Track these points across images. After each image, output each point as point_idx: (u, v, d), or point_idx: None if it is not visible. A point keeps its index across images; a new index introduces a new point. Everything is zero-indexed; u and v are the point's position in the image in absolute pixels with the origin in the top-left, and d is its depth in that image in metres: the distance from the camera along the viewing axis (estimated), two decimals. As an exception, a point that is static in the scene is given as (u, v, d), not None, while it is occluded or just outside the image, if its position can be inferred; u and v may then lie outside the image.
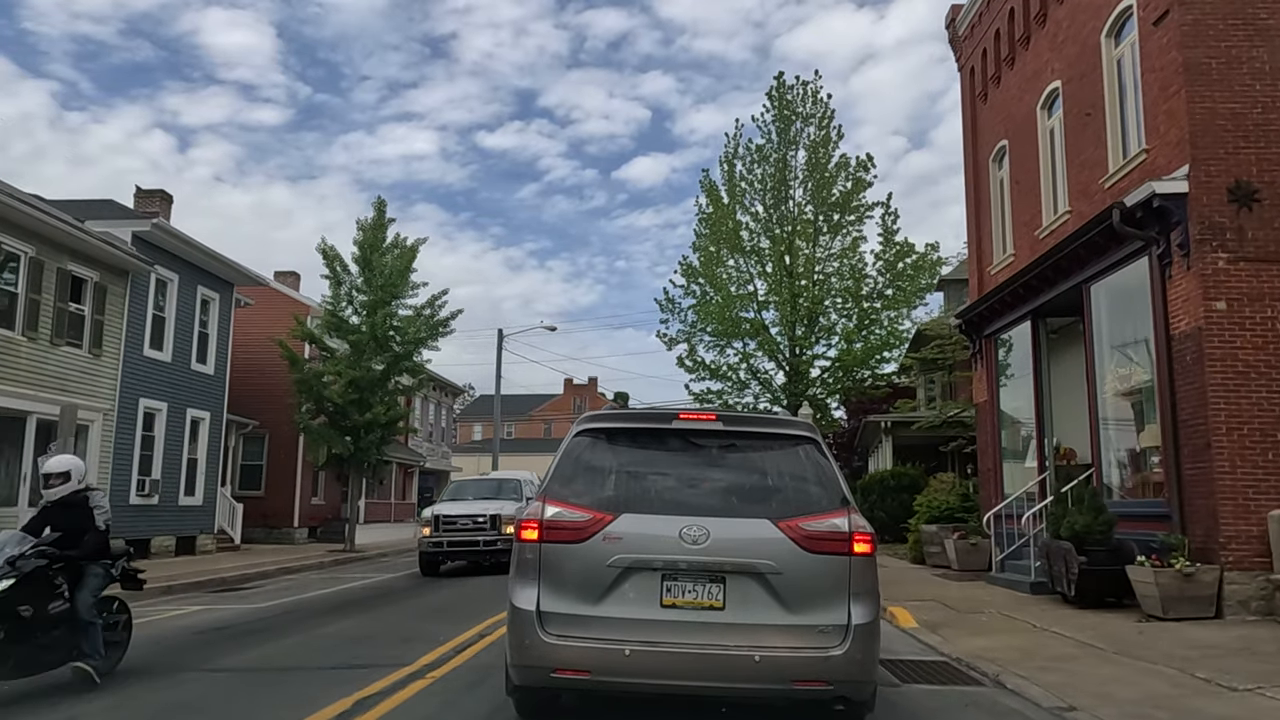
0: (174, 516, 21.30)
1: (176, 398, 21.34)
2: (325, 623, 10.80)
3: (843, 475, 5.09)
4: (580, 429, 5.15)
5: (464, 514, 17.62)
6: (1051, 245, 13.63)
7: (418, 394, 34.76)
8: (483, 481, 21.01)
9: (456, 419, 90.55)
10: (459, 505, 18.21)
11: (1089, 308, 12.73)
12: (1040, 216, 14.76)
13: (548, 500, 4.82)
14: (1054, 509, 12.06)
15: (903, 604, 11.70)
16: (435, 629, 9.83)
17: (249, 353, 27.79)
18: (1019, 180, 15.71)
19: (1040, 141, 14.82)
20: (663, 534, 4.59)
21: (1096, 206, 12.45)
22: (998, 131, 16.76)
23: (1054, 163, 14.59)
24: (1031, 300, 14.43)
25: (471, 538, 17.30)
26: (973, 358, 17.62)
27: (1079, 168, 13.36)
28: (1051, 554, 11.58)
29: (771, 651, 4.43)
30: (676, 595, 4.54)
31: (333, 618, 11.27)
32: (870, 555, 4.73)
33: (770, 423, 5.32)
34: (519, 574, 4.76)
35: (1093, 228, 11.76)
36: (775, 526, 4.62)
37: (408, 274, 25.70)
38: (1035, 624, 9.86)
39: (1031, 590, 12.46)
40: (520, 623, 4.61)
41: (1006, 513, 14.50)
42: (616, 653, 4.42)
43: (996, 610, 11.06)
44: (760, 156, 27.58)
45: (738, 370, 27.98)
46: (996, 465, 16.39)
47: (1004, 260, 16.28)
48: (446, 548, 17.31)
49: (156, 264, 20.12)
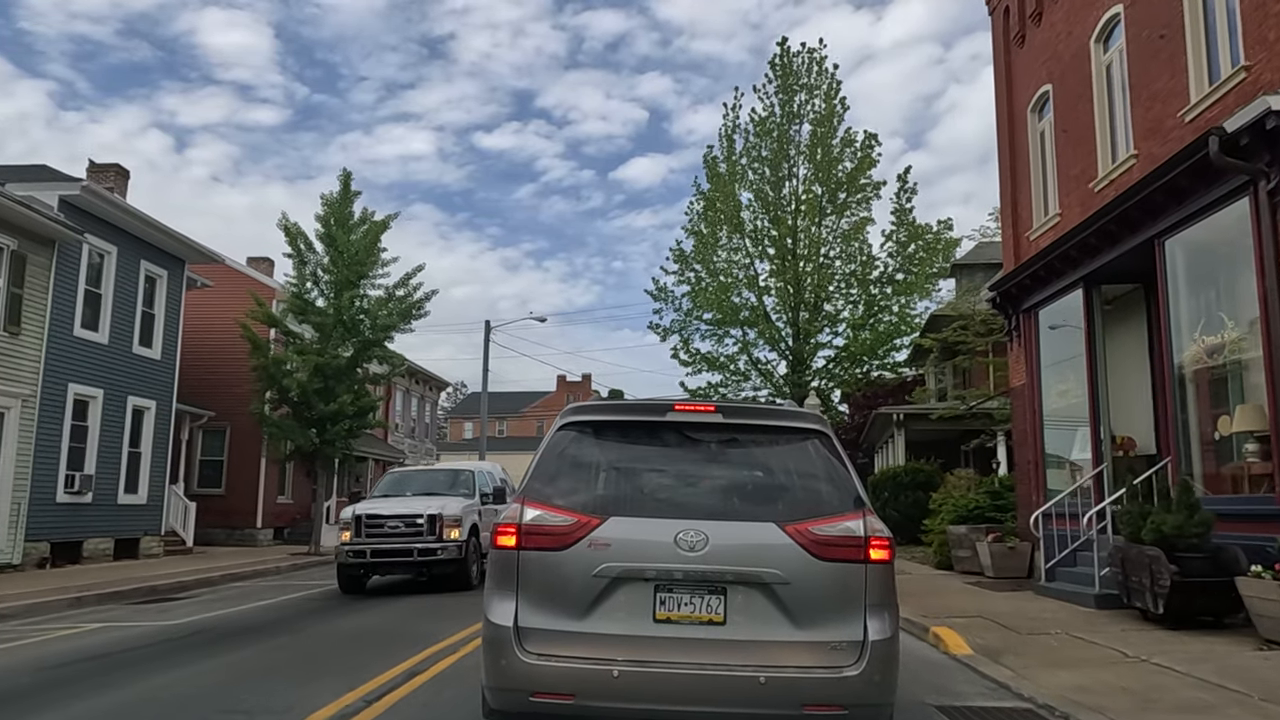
0: (112, 516, 19.12)
1: (115, 384, 19.15)
2: (228, 649, 8.66)
3: (856, 473, 4.61)
4: (564, 421, 4.72)
5: (395, 514, 14.00)
6: (1112, 197, 11.58)
7: (389, 382, 32.59)
8: (429, 473, 17.15)
9: (446, 415, 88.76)
10: (391, 503, 14.61)
11: (1163, 267, 10.67)
12: (1095, 166, 12.69)
13: (527, 501, 4.39)
14: (1128, 507, 9.97)
15: (943, 621, 9.62)
16: (363, 660, 7.73)
17: (209, 339, 25.68)
18: (1066, 129, 13.64)
19: (1095, 80, 12.74)
20: (656, 539, 4.19)
21: (1174, 145, 10.39)
22: (1038, 76, 14.69)
23: (1112, 102, 12.52)
24: (1085, 264, 12.37)
25: (404, 544, 13.73)
26: (1008, 336, 15.54)
27: (1147, 102, 11.29)
28: (1129, 561, 9.50)
29: (779, 671, 4.04)
30: (671, 609, 4.17)
31: (241, 642, 9.13)
32: (888, 563, 4.31)
33: (775, 414, 4.84)
34: (495, 585, 4.36)
35: (1175, 166, 9.68)
36: (782, 531, 4.22)
37: (375, 249, 23.59)
38: (1125, 651, 7.78)
39: (1097, 604, 10.40)
40: (496, 640, 4.22)
41: (1056, 511, 12.43)
42: (604, 674, 4.04)
43: (1064, 630, 8.97)
44: (763, 130, 25.66)
45: (737, 360, 26.22)
46: (1038, 458, 14.30)
47: (1047, 222, 14.20)
48: (371, 558, 13.80)
49: (88, 233, 17.93)
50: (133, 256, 19.75)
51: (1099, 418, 12.48)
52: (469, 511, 14.58)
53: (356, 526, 13.97)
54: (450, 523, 13.98)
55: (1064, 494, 12.63)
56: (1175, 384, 10.57)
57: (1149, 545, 9.04)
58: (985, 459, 23.20)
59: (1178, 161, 9.62)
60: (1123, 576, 9.70)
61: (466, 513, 14.44)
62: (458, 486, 15.61)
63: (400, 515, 13.97)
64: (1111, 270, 12.15)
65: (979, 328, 19.59)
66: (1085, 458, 12.97)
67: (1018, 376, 15.25)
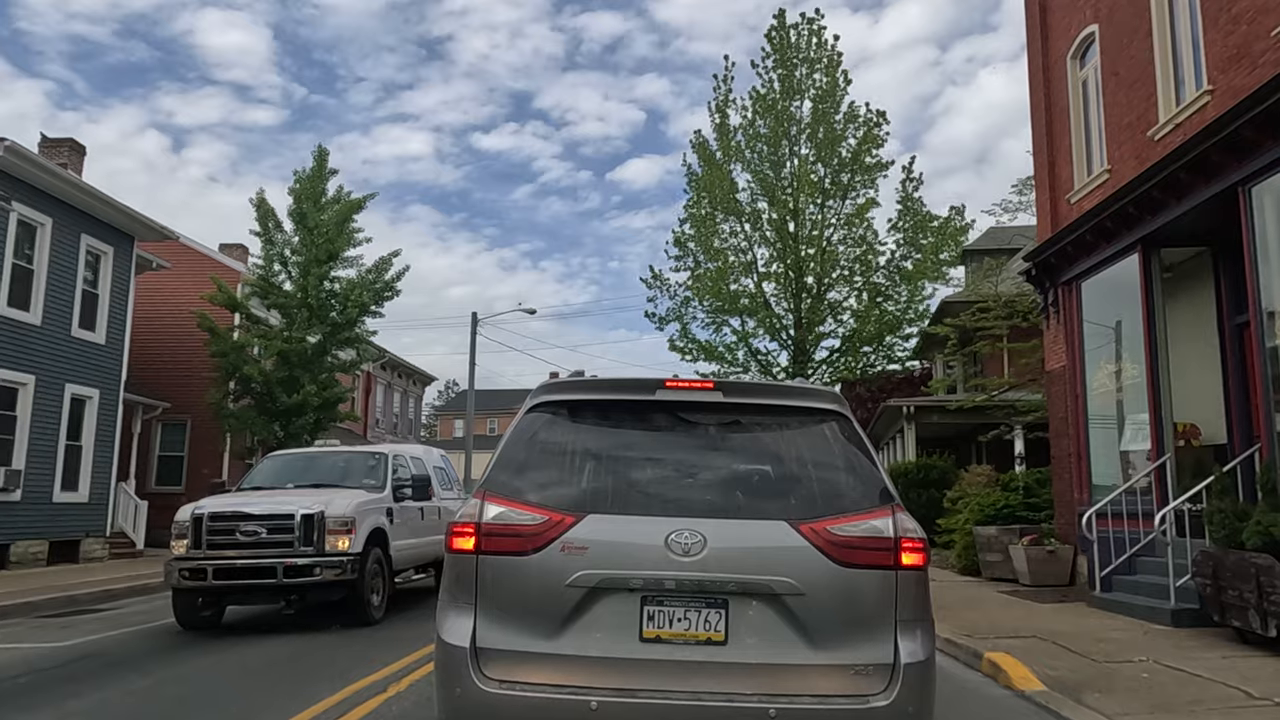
0: (46, 516, 17.29)
1: (49, 370, 17.30)
2: (95, 684, 6.91)
3: (881, 461, 3.96)
4: (535, 402, 4.03)
5: (253, 514, 9.56)
6: (1178, 143, 9.88)
7: (364, 372, 30.80)
8: (327, 456, 12.15)
9: (436, 413, 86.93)
10: (256, 499, 10.12)
11: (1250, 219, 8.95)
12: (1154, 111, 10.98)
13: (488, 497, 3.74)
14: (1218, 505, 8.24)
15: (995, 643, 7.91)
16: (272, 699, 5.99)
17: (168, 324, 23.89)
18: (1117, 72, 11.92)
19: (1154, 10, 11.02)
20: (643, 542, 3.57)
21: (1264, 72, 8.69)
22: (1081, 18, 12.97)
23: (1175, 33, 10.82)
24: (1144, 223, 10.66)
25: (263, 560, 9.33)
26: (1044, 312, 13.82)
27: (1227, 26, 9.57)
28: (1224, 571, 7.77)
29: (792, 701, 3.42)
30: (662, 625, 3.55)
31: (113, 677, 7.37)
32: (922, 569, 3.66)
33: (785, 392, 4.15)
34: (449, 597, 3.73)
35: (1273, 93, 7.99)
36: (795, 530, 3.60)
37: (347, 226, 21.87)
38: (1249, 690, 6.05)
39: (1174, 621, 8.70)
40: (449, 663, 3.58)
41: (1113, 510, 10.71)
42: (580, 704, 3.42)
43: (1151, 658, 7.25)
44: (764, 106, 24.03)
45: (735, 351, 24.66)
46: (1081, 449, 12.58)
47: (1094, 180, 12.48)
48: (213, 579, 9.31)
49: (16, 199, 16.10)
50: (72, 230, 17.90)
51: (1160, 402, 10.77)
52: (370, 511, 10.25)
53: (195, 532, 9.46)
54: (336, 527, 9.57)
55: (1119, 490, 10.92)
56: (1266, 359, 8.85)
57: (1255, 552, 7.32)
58: (1002, 453, 21.59)
59: (1278, 85, 7.92)
60: (1213, 589, 7.98)
61: (364, 512, 10.07)
62: (357, 474, 11.21)
63: (261, 516, 9.52)
64: (1176, 230, 10.45)
65: (1000, 310, 17.90)
66: (1140, 449, 11.28)
67: (1055, 358, 13.54)
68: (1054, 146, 13.82)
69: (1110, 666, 7.00)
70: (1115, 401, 12.06)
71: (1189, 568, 8.66)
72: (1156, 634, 8.40)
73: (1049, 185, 13.90)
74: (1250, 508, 7.84)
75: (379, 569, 10.28)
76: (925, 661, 3.61)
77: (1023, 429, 19.17)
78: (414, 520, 11.67)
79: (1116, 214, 11.02)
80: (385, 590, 10.43)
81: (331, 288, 22.12)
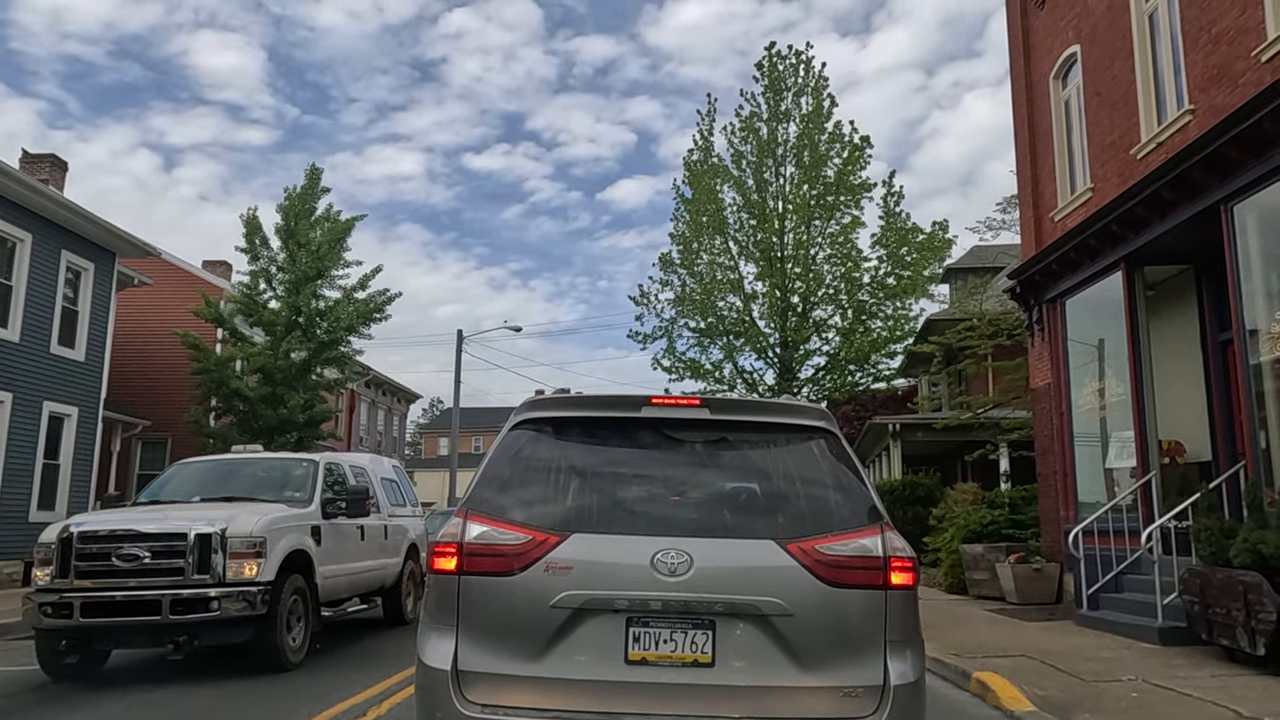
0: (22, 536, 16.91)
1: (26, 387, 17.05)
2: (71, 708, 6.73)
3: (869, 479, 3.91)
4: (519, 419, 3.98)
5: (137, 533, 7.62)
6: (1160, 162, 9.95)
7: (349, 390, 30.56)
8: (239, 465, 10.17)
9: (421, 431, 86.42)
10: (143, 514, 8.14)
11: (1233, 237, 9.00)
12: (1136, 130, 11.06)
13: (471, 515, 3.68)
14: (1204, 522, 8.23)
15: (983, 663, 7.85)
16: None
17: (150, 341, 23.64)
18: (1100, 92, 12.01)
19: (1135, 31, 11.13)
20: (628, 561, 3.51)
21: (1248, 89, 8.76)
22: (1063, 38, 13.09)
23: (1157, 54, 10.92)
24: (1128, 241, 10.71)
25: (145, 593, 7.43)
26: (1029, 330, 13.86)
27: (1207, 47, 9.66)
28: (1211, 589, 7.75)
29: None
30: (648, 647, 3.49)
31: (83, 701, 7.18)
32: (911, 588, 3.63)
33: (773, 409, 4.13)
34: (431, 619, 3.67)
35: (1255, 111, 8.06)
36: (783, 550, 3.54)
37: (339, 246, 21.78)
38: (1237, 709, 6.00)
39: (1162, 639, 8.66)
40: (431, 687, 3.54)
41: (1100, 527, 10.70)
42: None
43: (1140, 677, 7.20)
44: (749, 129, 24.28)
45: (721, 369, 24.70)
46: (1066, 467, 12.59)
47: (1077, 198, 12.55)
48: (80, 617, 7.36)
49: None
50: (52, 246, 17.71)
51: (1144, 419, 10.78)
52: (287, 529, 8.40)
53: (61, 557, 7.57)
54: (241, 549, 7.68)
55: (1105, 508, 10.91)
56: (1250, 376, 8.88)
57: (1242, 570, 7.30)
58: (988, 471, 21.62)
59: (1259, 104, 7.99)
60: (1200, 607, 7.95)
61: (279, 531, 8.20)
62: (282, 487, 9.40)
63: (147, 536, 7.60)
64: (1159, 248, 10.50)
65: (985, 329, 17.96)
66: (1125, 466, 11.29)
67: (1040, 376, 13.57)
68: (1038, 165, 13.91)
69: (1099, 686, 6.94)
70: (1100, 419, 12.08)
71: (1176, 585, 8.63)
72: (1145, 653, 8.35)
73: (1033, 203, 13.97)
74: (1237, 525, 7.84)
75: (299, 601, 8.38)
76: (915, 683, 3.56)
77: (1008, 446, 19.21)
78: (351, 541, 9.90)
79: (1100, 232, 11.07)
80: (308, 627, 8.57)
81: (319, 305, 22.00)
